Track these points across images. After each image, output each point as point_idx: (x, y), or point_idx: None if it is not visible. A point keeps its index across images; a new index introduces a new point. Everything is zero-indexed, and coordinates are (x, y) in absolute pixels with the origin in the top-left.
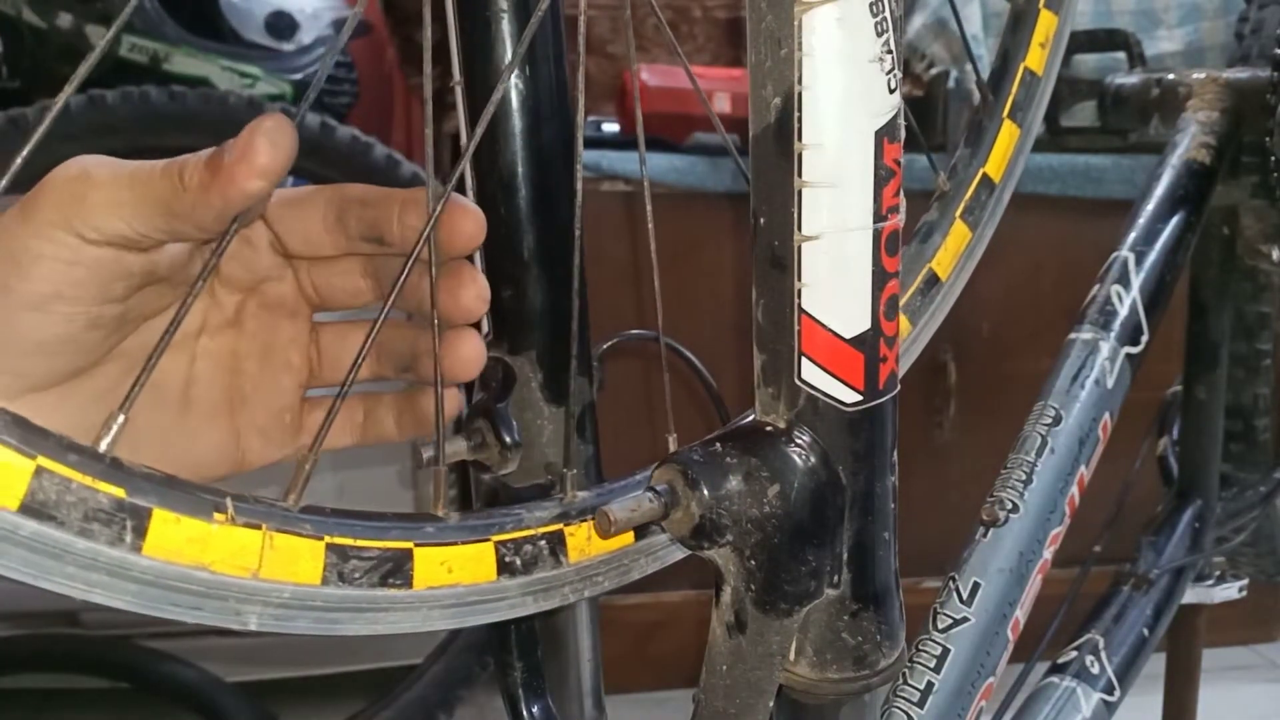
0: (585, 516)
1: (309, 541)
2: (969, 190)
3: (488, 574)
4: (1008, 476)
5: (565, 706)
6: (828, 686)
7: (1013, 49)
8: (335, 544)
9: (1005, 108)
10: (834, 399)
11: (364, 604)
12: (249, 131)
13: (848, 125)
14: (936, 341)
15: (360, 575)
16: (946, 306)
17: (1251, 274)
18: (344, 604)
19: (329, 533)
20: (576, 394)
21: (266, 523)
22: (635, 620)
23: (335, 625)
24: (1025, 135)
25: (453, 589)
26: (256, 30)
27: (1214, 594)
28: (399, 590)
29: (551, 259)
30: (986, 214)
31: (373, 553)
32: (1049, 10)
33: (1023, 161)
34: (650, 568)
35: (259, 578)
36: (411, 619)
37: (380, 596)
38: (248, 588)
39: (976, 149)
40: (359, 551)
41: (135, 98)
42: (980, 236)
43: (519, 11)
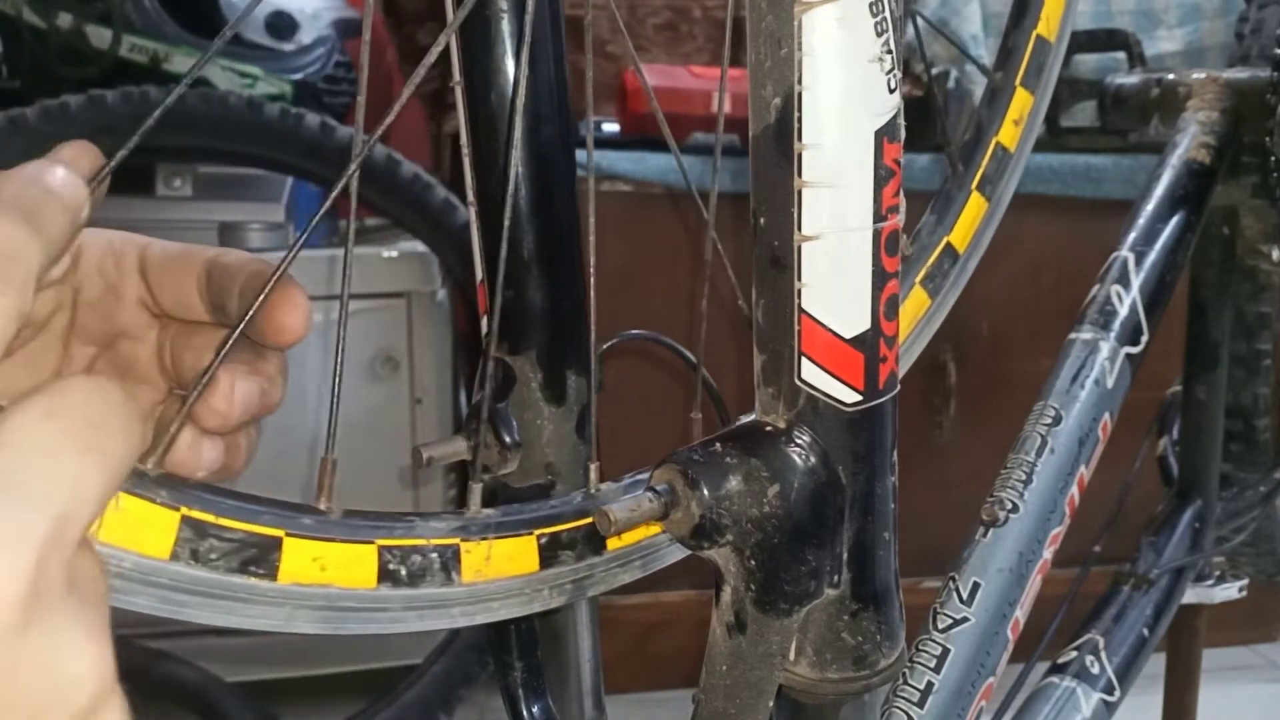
0: (486, 535)
1: (162, 510)
2: (931, 257)
3: (367, 580)
4: (1008, 476)
5: (565, 706)
6: (828, 686)
7: (986, 122)
8: (192, 518)
9: (975, 180)
10: (834, 399)
11: (218, 589)
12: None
13: (848, 125)
14: (937, 341)
15: (217, 557)
16: (905, 365)
17: (1251, 274)
18: (194, 585)
19: (187, 504)
20: (576, 394)
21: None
22: (635, 620)
23: (180, 608)
24: (993, 208)
25: (324, 589)
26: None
27: (1214, 594)
28: (260, 580)
29: (551, 259)
30: (948, 283)
31: (236, 534)
32: (1024, 89)
33: (990, 234)
34: (554, 601)
35: (97, 541)
36: (273, 615)
37: (238, 584)
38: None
39: (943, 217)
40: (220, 530)
41: (135, 98)
42: (940, 305)
43: (519, 11)
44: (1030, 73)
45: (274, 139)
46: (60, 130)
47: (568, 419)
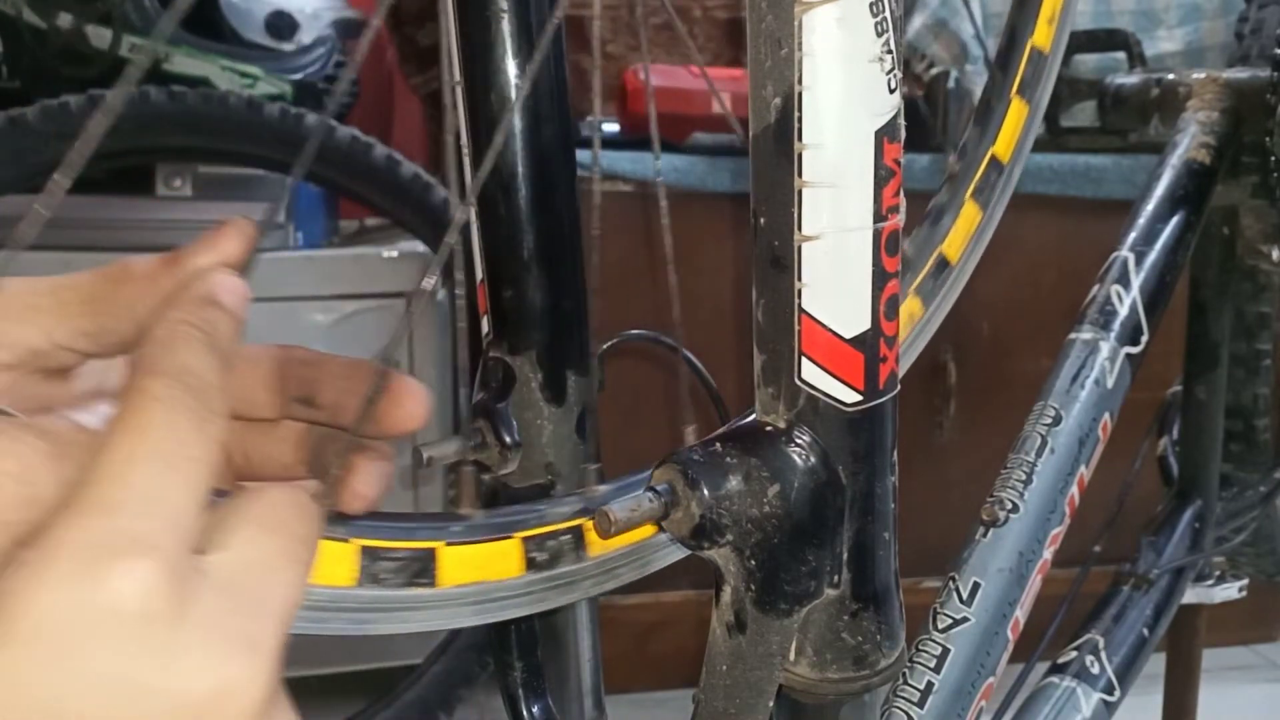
0: None
1: (342, 545)
2: (979, 170)
3: (514, 570)
4: (1008, 476)
5: (565, 706)
6: (828, 686)
7: (1020, 26)
8: (367, 546)
9: (1014, 86)
10: (834, 399)
11: (394, 604)
12: (215, 237)
13: (848, 125)
14: (936, 341)
15: (389, 576)
16: (957, 289)
17: (1251, 274)
18: (375, 604)
19: (359, 535)
20: (576, 394)
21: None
22: (635, 620)
23: (367, 625)
24: (1034, 112)
25: (478, 585)
26: (256, 30)
27: (1214, 594)
28: (426, 589)
29: (551, 259)
30: (996, 194)
31: (401, 553)
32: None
33: (1031, 141)
34: (671, 558)
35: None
36: (439, 616)
37: (409, 596)
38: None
39: (985, 129)
40: (389, 552)
41: (135, 98)
42: (990, 217)
43: (519, 11)
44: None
45: (274, 139)
46: (60, 130)
47: (568, 419)
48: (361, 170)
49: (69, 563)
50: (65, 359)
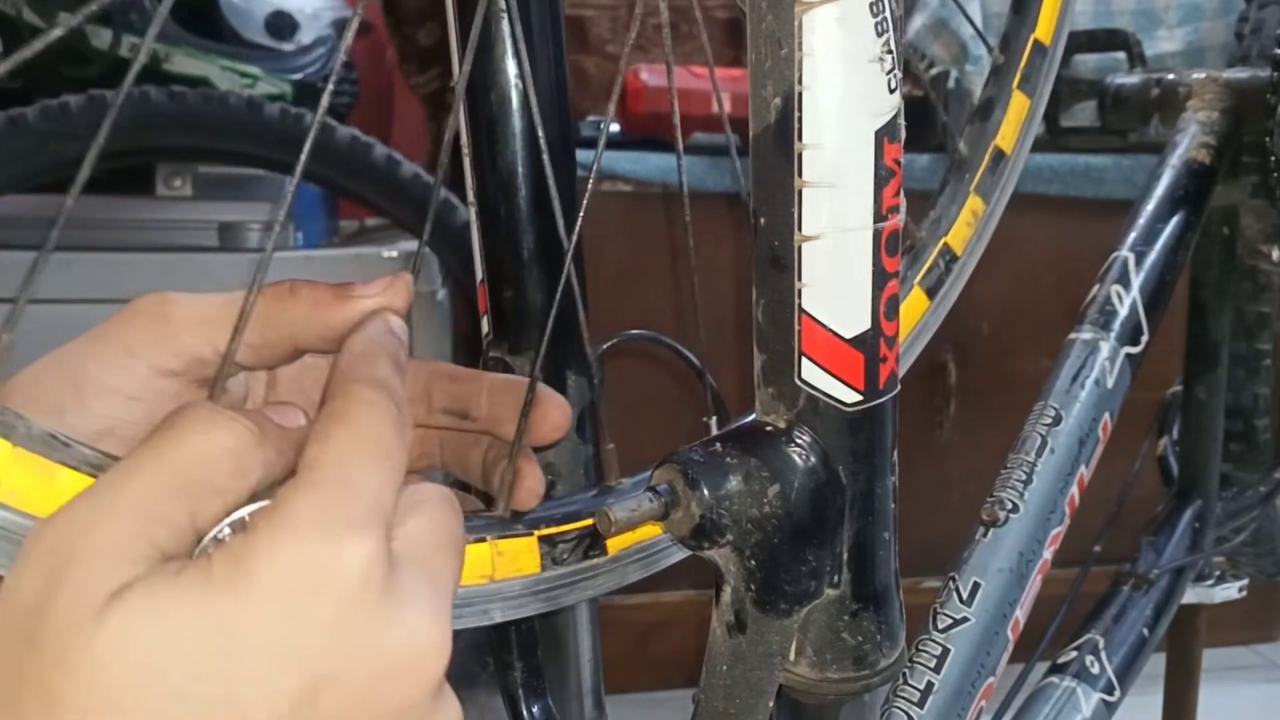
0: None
1: (524, 539)
2: (1023, 58)
3: (658, 528)
4: (1008, 476)
5: (565, 706)
6: (828, 686)
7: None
8: (544, 535)
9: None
10: (834, 399)
11: (576, 576)
12: (390, 282)
13: (848, 125)
14: (936, 341)
15: (568, 555)
16: (1012, 182)
17: (1251, 274)
18: (560, 581)
19: (537, 527)
20: (576, 394)
21: (489, 534)
22: (635, 620)
23: (557, 599)
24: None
25: (637, 545)
26: (256, 30)
27: (1214, 594)
28: (599, 559)
29: (551, 259)
30: (1041, 79)
31: (573, 534)
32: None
33: (1069, 21)
34: None
35: (495, 580)
36: (613, 578)
37: (586, 567)
38: (488, 591)
39: (1025, 16)
40: (563, 535)
41: (135, 98)
42: (1038, 102)
43: (519, 11)
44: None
45: (274, 139)
46: (60, 129)
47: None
48: (361, 170)
49: (309, 529)
50: (227, 370)
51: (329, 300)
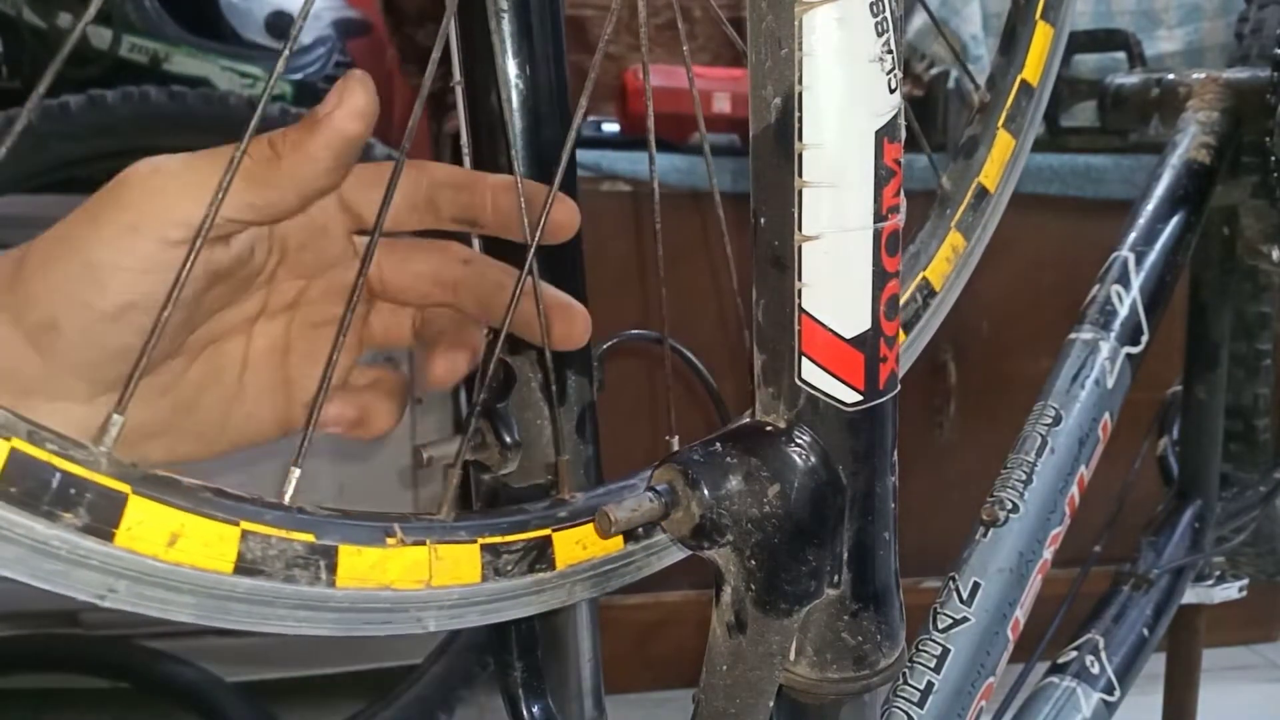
0: None
1: (466, 547)
2: (1009, 98)
3: (616, 544)
4: (1008, 476)
5: (565, 706)
6: (828, 686)
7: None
8: (488, 544)
9: (1037, 10)
10: (834, 399)
11: (519, 591)
12: (341, 83)
13: (848, 125)
14: (936, 341)
15: (512, 567)
16: (995, 220)
17: (1251, 274)
18: (502, 594)
19: (481, 535)
20: (577, 394)
21: (429, 537)
22: (635, 620)
23: (498, 613)
24: (1059, 34)
25: (589, 562)
26: (256, 30)
27: (1214, 594)
28: (545, 573)
29: (552, 259)
30: (1027, 120)
31: (519, 545)
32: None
33: (1057, 63)
34: None
35: (431, 586)
36: (559, 595)
37: (531, 582)
38: (423, 597)
39: (1012, 56)
40: (508, 546)
41: (135, 98)
42: (1024, 143)
43: (519, 11)
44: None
45: None
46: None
47: (568, 419)
48: None
49: None
50: (230, 229)
51: (303, 139)
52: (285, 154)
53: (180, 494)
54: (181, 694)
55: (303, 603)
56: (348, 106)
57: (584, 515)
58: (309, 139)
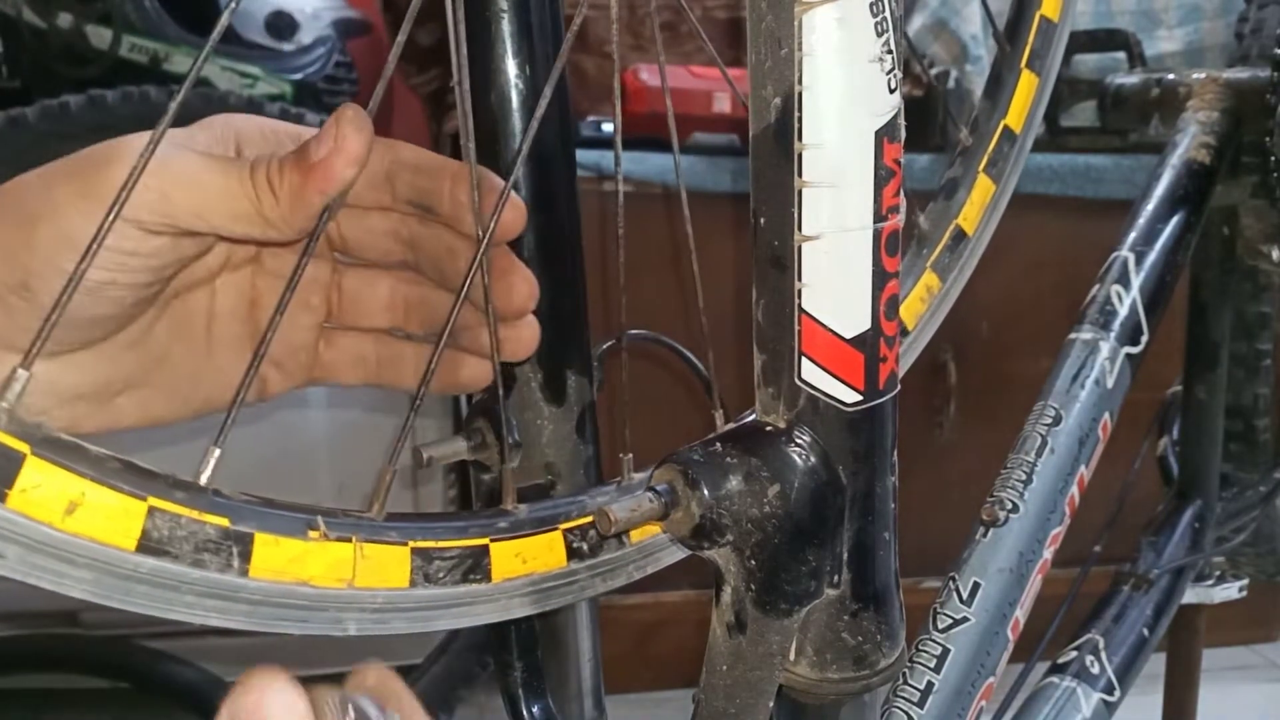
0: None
1: (395, 548)
2: (991, 143)
3: (558, 560)
4: (1008, 476)
5: (565, 706)
6: (828, 686)
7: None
8: (419, 548)
9: (1023, 58)
10: (834, 399)
11: (450, 601)
12: (334, 124)
13: (848, 125)
14: (936, 341)
15: (444, 574)
16: (973, 263)
17: (1251, 274)
18: (432, 603)
19: (413, 538)
20: (576, 394)
21: (356, 534)
22: (635, 620)
23: (425, 622)
24: (1044, 83)
25: (528, 577)
26: (256, 30)
27: (1214, 594)
28: (480, 585)
29: (551, 259)
30: (1009, 165)
31: (453, 552)
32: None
33: (1042, 111)
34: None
35: (354, 586)
36: (493, 609)
37: (463, 592)
38: (345, 597)
39: (997, 101)
40: (441, 552)
41: (135, 98)
42: (1004, 189)
43: (519, 11)
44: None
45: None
46: (60, 129)
47: (568, 419)
48: None
49: None
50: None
51: (300, 187)
52: (283, 199)
53: (84, 460)
54: (181, 694)
55: (211, 590)
56: (345, 153)
57: (526, 528)
58: (305, 186)
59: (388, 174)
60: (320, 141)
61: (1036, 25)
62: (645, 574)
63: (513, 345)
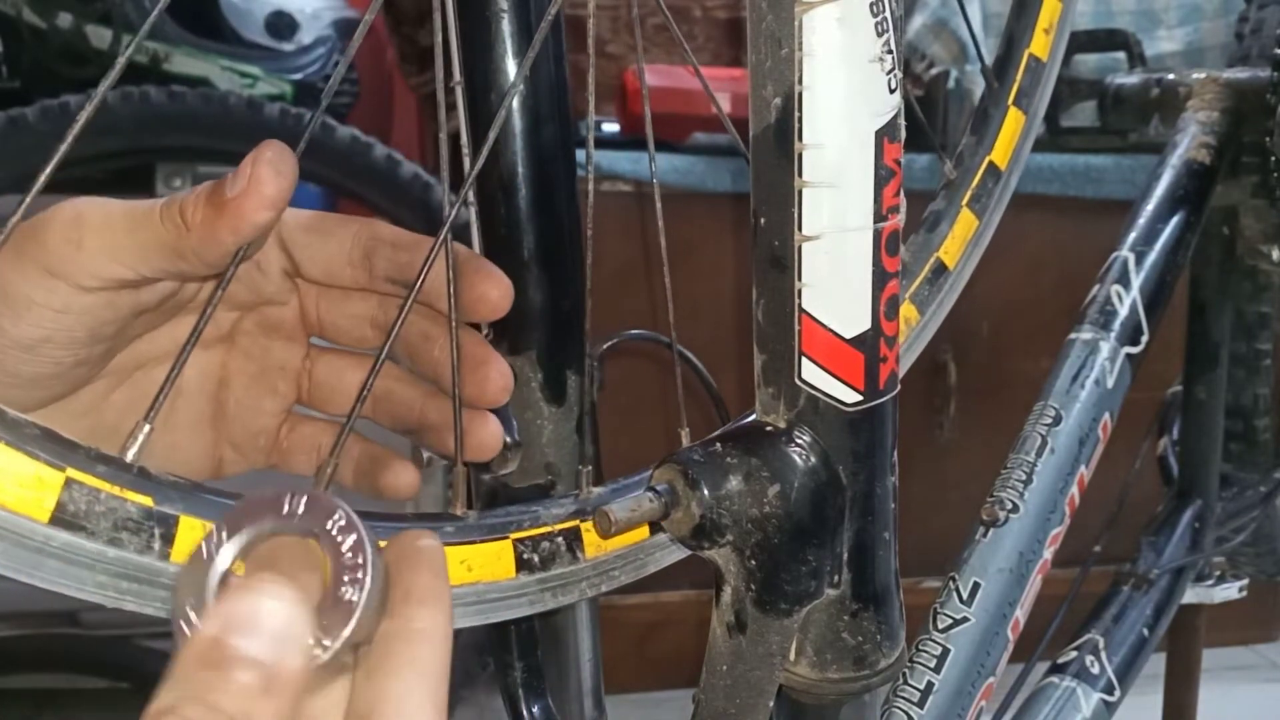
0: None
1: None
2: (975, 178)
3: (507, 571)
4: (1008, 476)
5: (565, 706)
6: (828, 686)
7: (1017, 35)
8: None
9: (1010, 95)
10: (834, 399)
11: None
12: (251, 162)
13: (848, 125)
14: (936, 341)
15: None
16: (953, 296)
17: (1251, 274)
18: None
19: None
20: (576, 394)
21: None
22: (635, 620)
23: None
24: (1030, 121)
25: (473, 587)
26: (256, 30)
27: (1214, 594)
28: None
29: (551, 259)
30: (993, 201)
31: None
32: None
33: (1028, 148)
34: (665, 560)
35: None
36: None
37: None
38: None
39: (982, 137)
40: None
41: (135, 98)
42: (987, 224)
43: (519, 11)
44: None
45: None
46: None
47: (568, 419)
48: (361, 170)
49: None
50: (146, 282)
51: (210, 220)
52: (193, 229)
53: (0, 424)
54: None
55: (127, 572)
56: (255, 196)
57: (474, 534)
58: (216, 221)
59: (366, 252)
60: (235, 179)
61: (1025, 64)
62: (599, 591)
63: (476, 445)
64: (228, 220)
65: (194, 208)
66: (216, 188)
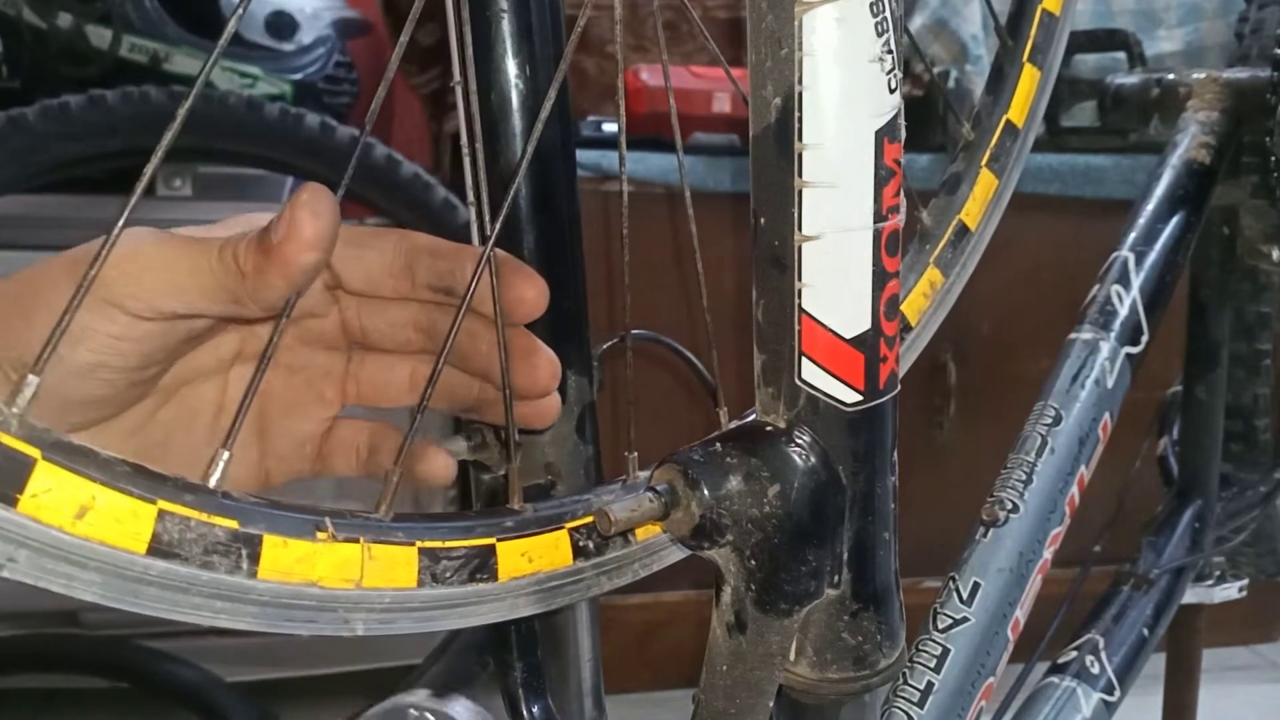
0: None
1: (403, 549)
2: (994, 137)
3: (564, 559)
4: (1008, 476)
5: (565, 706)
6: (828, 686)
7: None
8: (426, 548)
9: (1025, 51)
10: (834, 399)
11: (457, 600)
12: (290, 208)
13: (848, 125)
14: (936, 341)
15: (451, 574)
16: (975, 258)
17: (1251, 274)
18: (439, 602)
19: (420, 538)
20: (576, 394)
21: (364, 535)
22: (635, 620)
23: (432, 622)
24: (1046, 77)
25: (534, 576)
26: (256, 30)
27: (1214, 594)
28: (486, 584)
29: (551, 259)
30: (1011, 160)
31: (460, 552)
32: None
33: (1044, 106)
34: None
35: (362, 587)
36: (500, 608)
37: (470, 592)
38: (353, 597)
39: (999, 96)
40: (448, 552)
41: (135, 98)
42: (1006, 183)
43: (519, 11)
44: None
45: (274, 139)
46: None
47: (568, 419)
48: (361, 169)
49: None
50: (200, 316)
51: (261, 266)
52: (248, 275)
53: (94, 464)
54: (181, 694)
55: (220, 592)
56: (295, 241)
57: (532, 527)
58: (266, 268)
59: (407, 263)
60: (276, 225)
61: (1038, 19)
62: (650, 571)
63: (536, 415)
64: (276, 266)
65: (245, 254)
66: (264, 234)
